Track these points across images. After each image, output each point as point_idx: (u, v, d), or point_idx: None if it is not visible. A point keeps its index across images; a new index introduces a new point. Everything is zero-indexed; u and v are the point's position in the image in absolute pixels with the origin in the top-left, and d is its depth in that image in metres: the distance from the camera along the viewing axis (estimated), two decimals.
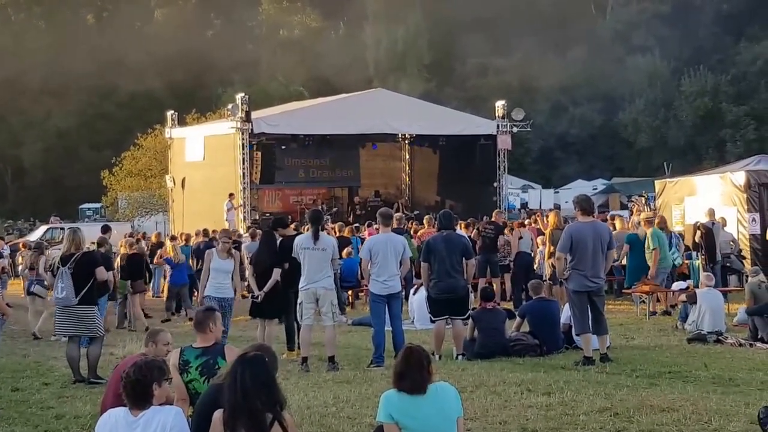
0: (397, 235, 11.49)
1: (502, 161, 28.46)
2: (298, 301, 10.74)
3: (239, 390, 4.97)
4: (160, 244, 20.42)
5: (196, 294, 18.19)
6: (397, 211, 26.40)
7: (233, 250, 11.92)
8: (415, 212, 28.75)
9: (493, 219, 17.53)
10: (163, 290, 20.50)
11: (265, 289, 11.25)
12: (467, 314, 11.23)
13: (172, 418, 5.16)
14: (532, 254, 17.21)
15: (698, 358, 10.59)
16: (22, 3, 63.31)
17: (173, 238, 20.93)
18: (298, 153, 29.76)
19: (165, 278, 19.66)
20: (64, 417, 8.63)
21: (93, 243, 15.15)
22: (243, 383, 4.98)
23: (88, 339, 10.69)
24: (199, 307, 8.75)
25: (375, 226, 16.30)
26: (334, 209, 29.33)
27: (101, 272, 10.61)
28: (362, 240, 17.59)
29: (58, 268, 10.49)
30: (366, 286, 12.14)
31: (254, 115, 26.11)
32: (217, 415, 5.08)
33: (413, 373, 5.43)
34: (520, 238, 16.82)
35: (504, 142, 28.15)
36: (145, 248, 18.33)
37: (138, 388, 5.17)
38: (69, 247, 10.59)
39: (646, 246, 15.01)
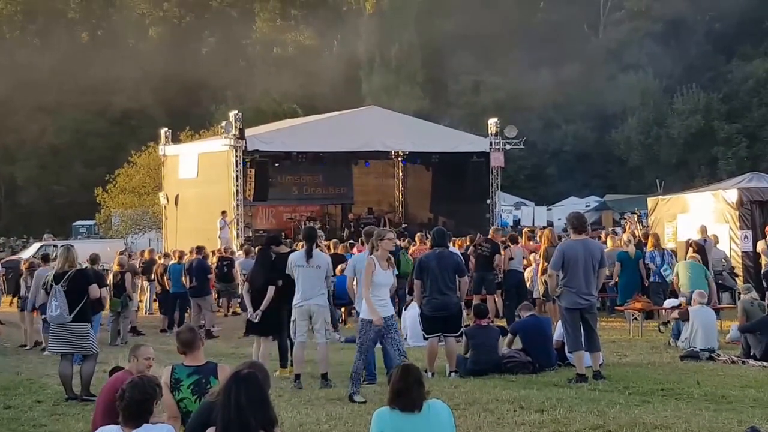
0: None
1: (495, 178, 28.55)
2: (292, 318, 10.74)
3: (233, 407, 4.97)
4: (152, 261, 20.41)
5: (189, 312, 18.23)
6: (384, 226, 26.47)
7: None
8: (403, 225, 28.84)
9: (490, 236, 17.51)
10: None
11: (262, 307, 11.22)
12: (460, 331, 11.24)
13: None
14: (524, 271, 17.20)
15: (691, 376, 10.59)
16: (16, 21, 63.46)
17: (166, 255, 20.95)
18: (291, 170, 29.88)
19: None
20: None
21: (86, 260, 15.18)
22: (237, 401, 4.99)
23: (81, 356, 10.66)
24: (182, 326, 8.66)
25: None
26: (321, 226, 29.32)
27: (94, 290, 10.59)
28: None
29: (51, 285, 10.48)
30: None
31: (248, 132, 26.21)
32: None
33: (412, 390, 5.44)
34: (511, 258, 16.79)
35: (497, 160, 28.25)
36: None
37: (141, 407, 5.18)
38: (63, 265, 10.58)
39: None
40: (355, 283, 10.78)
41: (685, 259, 15.58)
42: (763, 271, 16.74)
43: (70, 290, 10.34)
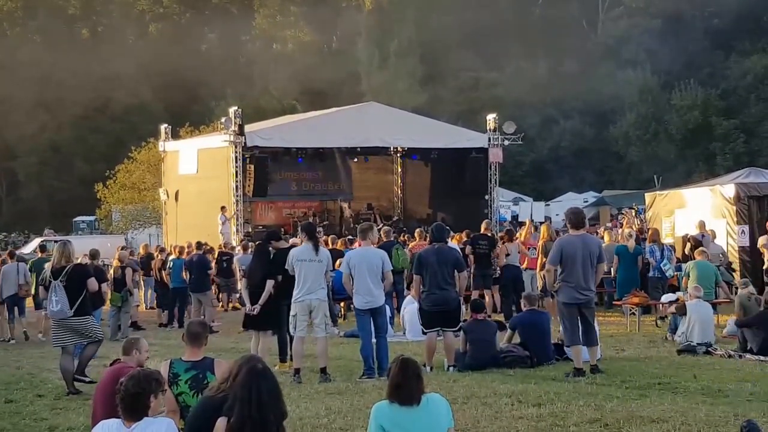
0: (376, 249, 11.35)
1: (494, 174, 28.54)
2: (292, 313, 10.79)
3: (255, 404, 5.00)
4: (149, 256, 20.45)
5: (189, 307, 18.31)
6: (375, 221, 26.53)
7: None
8: (394, 219, 28.87)
9: (483, 232, 17.54)
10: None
11: (261, 301, 11.29)
12: (459, 326, 11.29)
13: (164, 429, 5.22)
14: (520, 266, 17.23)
15: (688, 370, 10.65)
16: (17, 17, 63.44)
17: (162, 250, 20.99)
18: (290, 166, 29.90)
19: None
20: (57, 429, 8.68)
21: (85, 255, 15.26)
22: (259, 397, 5.02)
23: (83, 345, 10.76)
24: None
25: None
26: (325, 222, 29.39)
27: (92, 284, 10.67)
28: None
29: (50, 281, 10.55)
30: None
31: (247, 128, 26.19)
32: (221, 423, 5.12)
33: (410, 383, 5.48)
34: (507, 254, 16.83)
35: (495, 155, 28.22)
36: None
37: (136, 401, 5.23)
38: (59, 260, 10.65)
39: None
40: (350, 279, 10.86)
41: (692, 258, 15.61)
42: (765, 267, 16.78)
43: (69, 285, 10.44)
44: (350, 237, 21.13)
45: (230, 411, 5.09)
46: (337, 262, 14.23)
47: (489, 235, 17.32)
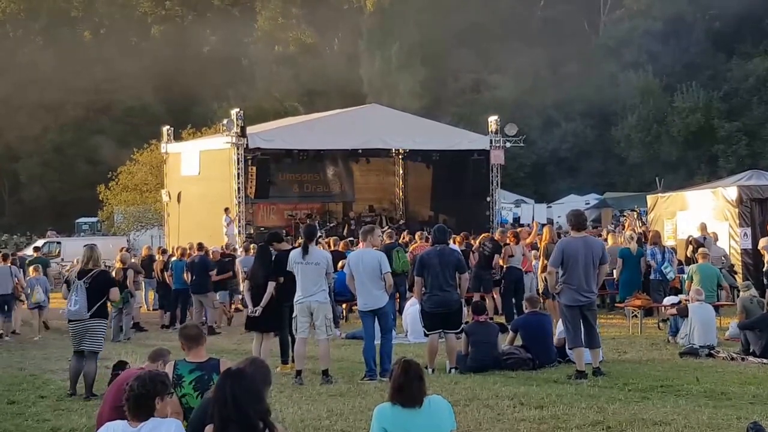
0: (374, 251, 11.27)
1: (495, 176, 28.57)
2: (293, 314, 10.82)
3: (230, 403, 5.01)
4: (151, 258, 20.47)
5: (190, 309, 18.31)
6: (380, 224, 26.56)
7: None
8: (401, 222, 28.90)
9: (496, 237, 17.49)
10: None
11: (262, 303, 11.30)
12: (461, 328, 11.29)
13: (173, 430, 5.23)
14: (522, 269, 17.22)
15: (690, 372, 10.64)
16: (20, 19, 63.54)
17: (164, 252, 21.00)
18: (292, 168, 29.96)
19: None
20: (59, 430, 8.70)
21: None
22: (234, 395, 5.03)
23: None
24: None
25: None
26: (332, 224, 29.43)
27: (114, 293, 10.80)
28: None
29: (74, 281, 10.64)
30: None
31: (249, 130, 26.23)
32: (208, 430, 5.13)
33: (412, 385, 5.47)
34: (511, 256, 16.82)
35: (497, 157, 28.25)
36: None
37: (141, 401, 5.23)
38: (86, 263, 10.76)
39: None
40: (353, 281, 10.88)
41: (694, 260, 15.58)
42: (765, 268, 16.77)
43: (91, 288, 10.49)
44: (351, 239, 21.14)
45: (212, 417, 5.10)
46: (339, 264, 14.25)
47: (496, 240, 17.25)
